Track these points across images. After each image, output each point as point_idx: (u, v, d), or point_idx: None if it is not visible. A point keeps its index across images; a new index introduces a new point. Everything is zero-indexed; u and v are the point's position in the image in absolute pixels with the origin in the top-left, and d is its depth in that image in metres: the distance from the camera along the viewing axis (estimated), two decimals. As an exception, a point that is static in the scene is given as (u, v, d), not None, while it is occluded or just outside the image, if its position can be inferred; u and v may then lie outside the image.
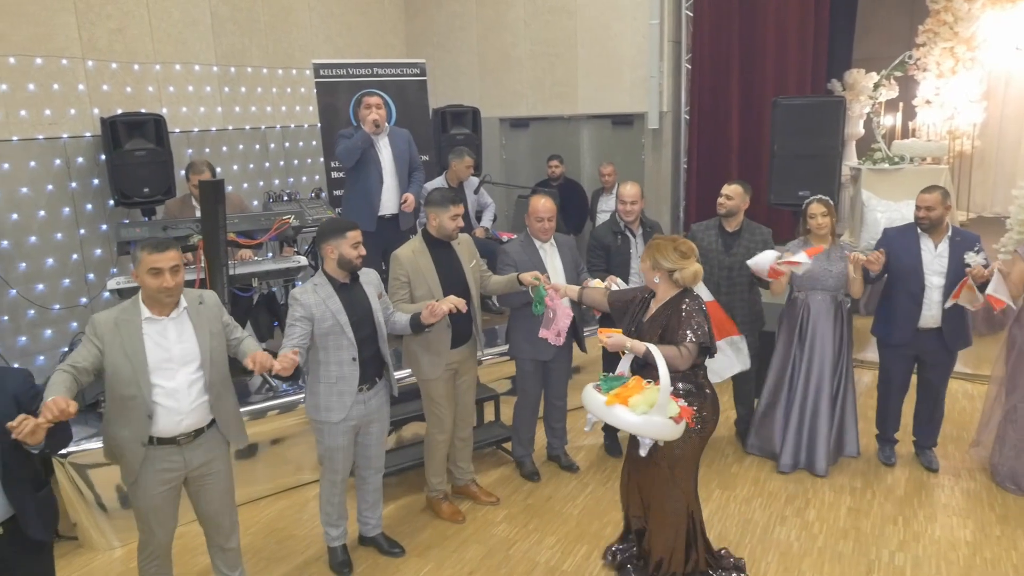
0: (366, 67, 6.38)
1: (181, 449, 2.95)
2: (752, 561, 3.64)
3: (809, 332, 4.35)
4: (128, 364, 2.81)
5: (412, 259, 3.78)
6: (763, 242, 4.49)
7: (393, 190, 5.05)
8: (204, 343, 2.95)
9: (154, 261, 2.78)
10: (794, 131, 5.81)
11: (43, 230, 5.33)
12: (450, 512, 4.09)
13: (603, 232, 4.55)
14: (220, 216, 4.08)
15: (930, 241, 4.19)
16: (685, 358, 3.06)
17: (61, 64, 5.35)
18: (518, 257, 4.15)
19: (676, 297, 3.16)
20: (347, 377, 3.39)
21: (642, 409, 2.90)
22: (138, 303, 2.89)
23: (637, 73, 7.39)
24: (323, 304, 3.32)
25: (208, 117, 6.42)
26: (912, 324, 4.22)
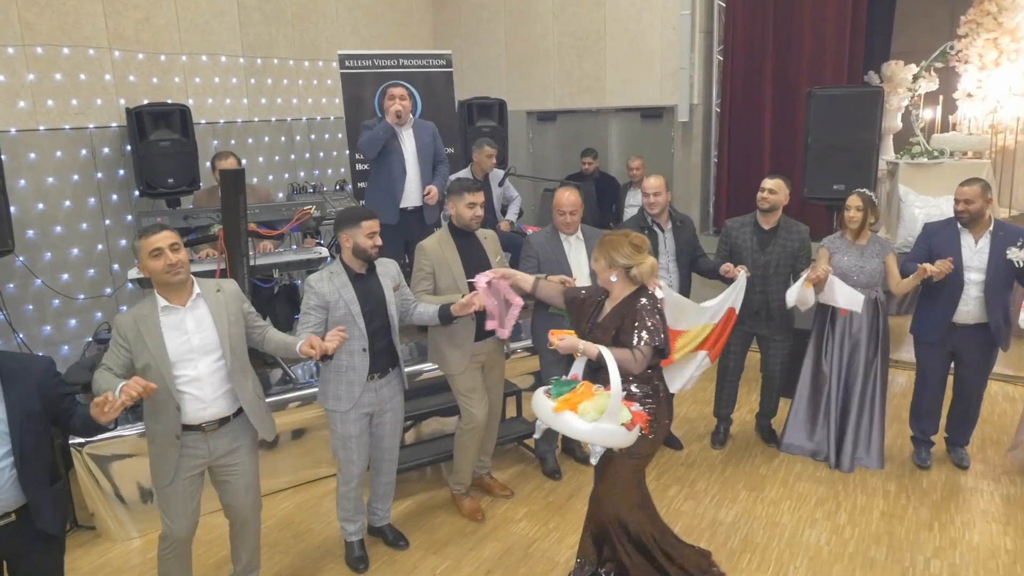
0: (392, 58, 6.32)
1: (206, 436, 2.96)
2: (780, 565, 3.52)
3: (840, 329, 4.25)
4: (152, 358, 2.83)
5: (437, 249, 3.77)
6: (800, 240, 4.36)
7: (416, 182, 4.98)
8: (223, 330, 2.95)
9: (152, 243, 2.79)
10: (829, 123, 5.63)
11: (69, 220, 5.35)
12: (471, 510, 4.02)
13: (630, 227, 4.38)
14: (241, 206, 4.05)
15: (970, 236, 4.04)
16: (639, 361, 2.91)
17: (88, 54, 5.36)
18: (541, 250, 4.08)
19: (631, 296, 3.01)
20: (357, 367, 3.37)
21: (592, 416, 2.76)
22: (154, 297, 2.90)
23: (667, 65, 7.24)
24: (337, 293, 3.31)
25: (234, 109, 6.42)
26: (947, 320, 4.08)
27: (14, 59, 4.98)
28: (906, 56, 7.58)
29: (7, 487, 2.47)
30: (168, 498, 2.98)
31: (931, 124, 7.15)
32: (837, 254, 4.22)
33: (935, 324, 4.13)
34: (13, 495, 2.49)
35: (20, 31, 4.99)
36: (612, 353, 2.83)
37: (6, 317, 4.83)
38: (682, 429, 4.96)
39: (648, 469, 4.47)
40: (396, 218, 4.92)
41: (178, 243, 2.86)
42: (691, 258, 4.46)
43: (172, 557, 3.10)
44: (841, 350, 4.28)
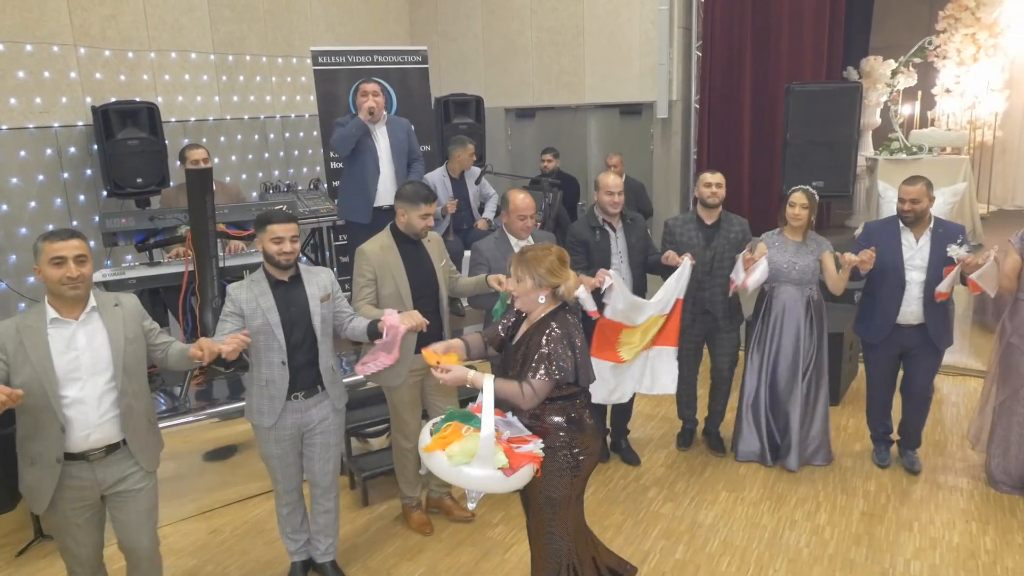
0: (366, 55, 6.22)
1: (92, 466, 2.68)
2: (759, 568, 3.47)
3: (775, 327, 4.22)
4: (35, 374, 2.57)
5: (379, 255, 3.53)
6: (742, 231, 4.32)
7: (390, 180, 4.89)
8: (118, 349, 2.68)
9: (56, 249, 2.53)
10: (808, 119, 5.61)
11: (34, 221, 5.22)
12: (419, 523, 3.86)
13: (581, 227, 4.21)
14: (208, 206, 3.94)
15: (911, 235, 4.00)
16: (527, 398, 2.61)
17: (52, 51, 5.23)
18: (491, 255, 3.87)
19: (546, 318, 2.71)
20: (276, 381, 3.12)
21: (458, 460, 2.49)
22: (44, 306, 2.63)
23: (646, 61, 7.20)
24: (255, 301, 3.07)
25: (205, 106, 6.29)
26: (891, 321, 4.04)
27: (-26, 56, 4.85)
28: (885, 51, 7.59)
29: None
30: (61, 529, 2.73)
31: (910, 120, 7.16)
32: (772, 250, 4.16)
33: (879, 326, 4.08)
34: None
35: (-20, 27, 4.86)
36: (497, 386, 2.57)
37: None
38: (662, 429, 4.91)
39: (628, 469, 4.45)
40: (369, 217, 4.83)
41: (85, 256, 2.60)
42: (644, 256, 4.31)
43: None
44: (777, 345, 4.23)
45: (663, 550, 3.65)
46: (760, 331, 4.29)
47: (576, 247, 4.17)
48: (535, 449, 2.61)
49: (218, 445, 4.14)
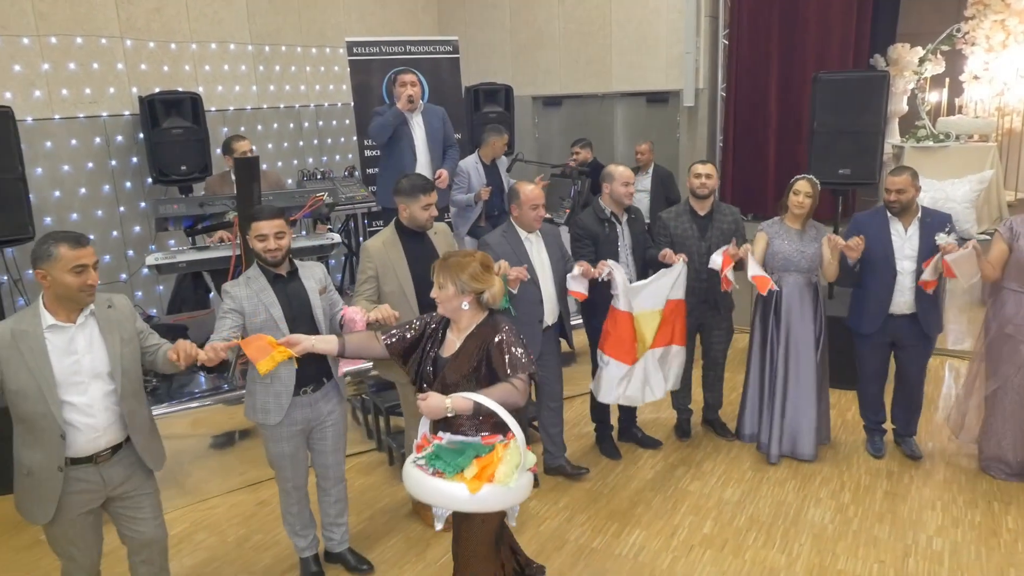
0: (399, 45, 6.36)
1: (98, 468, 2.67)
2: (785, 542, 3.61)
3: (784, 314, 4.25)
4: (33, 380, 2.51)
5: (382, 251, 3.53)
6: (734, 220, 4.39)
7: (426, 167, 5.04)
8: (114, 351, 2.65)
9: (79, 257, 2.50)
10: (835, 108, 5.65)
11: (84, 207, 5.44)
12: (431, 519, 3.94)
13: (589, 219, 4.22)
14: (255, 193, 4.11)
15: (900, 224, 4.07)
16: (522, 393, 2.57)
17: (100, 43, 5.42)
18: (500, 249, 3.81)
19: (486, 326, 2.64)
20: (283, 377, 3.08)
21: (515, 478, 2.43)
22: (38, 310, 2.57)
23: (673, 50, 7.26)
24: (255, 297, 3.06)
25: (243, 96, 6.47)
26: (883, 312, 4.11)
27: (29, 49, 5.05)
28: (912, 38, 7.58)
29: None
30: (63, 535, 2.71)
31: (937, 107, 7.17)
32: (777, 239, 4.20)
33: (872, 316, 4.14)
34: None
35: (35, 21, 5.05)
36: (491, 395, 2.48)
37: (26, 303, 4.92)
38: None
39: (655, 450, 4.60)
40: (407, 204, 4.97)
41: (97, 260, 2.60)
42: (644, 249, 4.34)
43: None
44: (785, 335, 4.24)
45: (691, 524, 3.79)
46: (766, 319, 4.31)
47: (584, 239, 4.19)
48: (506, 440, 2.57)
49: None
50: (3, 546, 3.80)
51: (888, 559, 3.46)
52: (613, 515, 3.90)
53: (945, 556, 3.47)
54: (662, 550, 3.59)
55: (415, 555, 3.65)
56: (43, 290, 2.58)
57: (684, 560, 3.51)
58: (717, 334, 4.53)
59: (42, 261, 2.50)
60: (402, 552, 3.67)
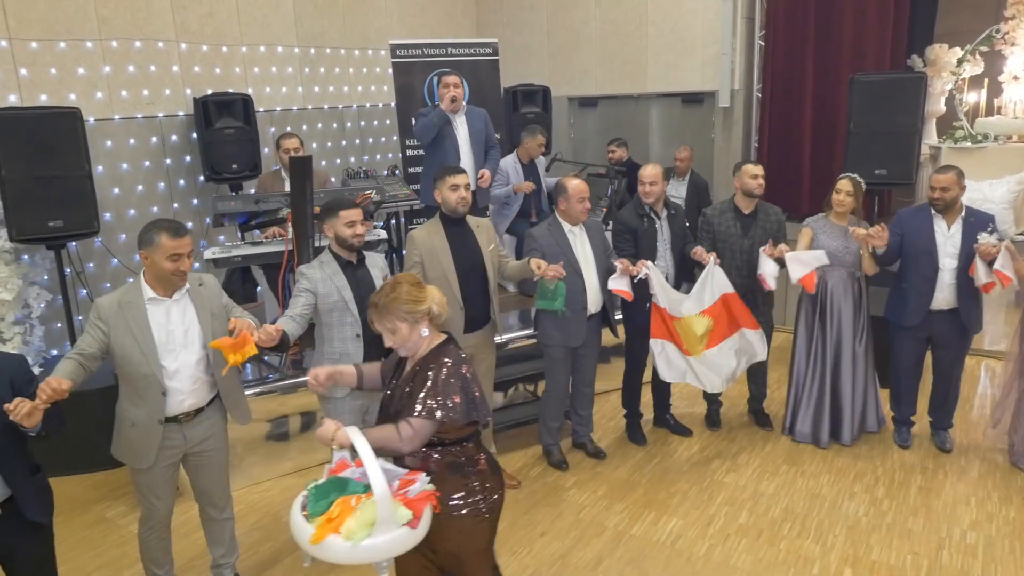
0: (440, 47, 6.52)
1: (182, 427, 3.00)
2: (820, 533, 3.70)
3: (830, 309, 4.38)
4: (136, 345, 2.85)
5: (427, 239, 3.74)
6: (777, 220, 4.50)
7: (469, 166, 5.19)
8: (206, 323, 2.98)
9: (176, 246, 2.82)
10: (872, 109, 5.70)
11: (140, 204, 5.68)
12: None
13: (629, 215, 4.39)
14: (308, 191, 4.31)
15: (943, 222, 4.14)
16: (407, 440, 2.34)
17: (157, 47, 5.66)
18: (545, 241, 4.02)
19: (436, 350, 2.48)
20: (351, 354, 3.33)
21: (360, 536, 2.17)
22: (140, 285, 2.91)
23: (708, 51, 7.34)
24: (329, 280, 3.34)
25: (290, 97, 6.69)
26: (924, 307, 4.18)
27: (92, 53, 5.30)
28: (950, 38, 7.56)
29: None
30: (149, 482, 3.03)
31: (975, 108, 7.16)
32: (822, 235, 4.34)
33: (912, 311, 4.22)
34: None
35: (97, 26, 5.30)
36: (368, 437, 2.28)
37: (88, 294, 5.17)
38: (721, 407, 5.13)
39: (691, 443, 4.70)
40: (450, 202, 5.14)
41: (193, 250, 2.93)
42: (683, 245, 4.47)
43: (156, 538, 3.16)
44: (830, 329, 4.40)
45: (727, 515, 3.90)
46: (811, 313, 4.45)
47: (624, 235, 4.37)
48: (424, 485, 2.35)
49: (311, 409, 4.50)
50: (70, 524, 4.02)
51: (922, 551, 3.53)
52: (650, 504, 4.02)
53: (979, 549, 3.53)
54: (698, 538, 3.71)
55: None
56: (144, 268, 2.91)
57: (720, 548, 3.62)
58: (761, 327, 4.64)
59: (146, 246, 2.84)
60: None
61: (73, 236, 4.68)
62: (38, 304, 4.82)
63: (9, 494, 2.59)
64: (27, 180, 4.38)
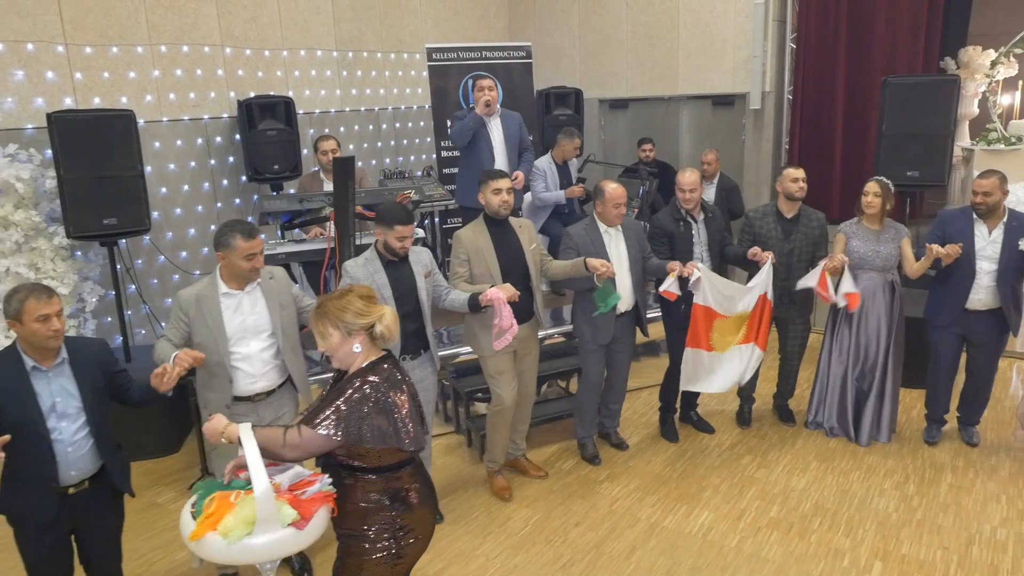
0: (475, 50, 6.66)
1: (255, 406, 3.27)
2: (850, 527, 3.77)
3: (859, 311, 4.42)
4: (211, 335, 3.12)
5: (472, 238, 3.91)
6: (819, 226, 4.55)
7: (503, 168, 5.29)
8: (275, 314, 3.24)
9: (249, 248, 3.09)
10: (904, 111, 5.73)
11: (186, 203, 5.88)
12: (500, 487, 4.20)
13: (665, 219, 4.48)
14: (350, 190, 4.46)
15: (984, 227, 4.18)
16: (290, 446, 2.22)
17: (203, 51, 5.86)
18: (581, 241, 4.14)
19: (365, 369, 2.34)
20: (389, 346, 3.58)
21: (237, 534, 2.10)
22: (216, 280, 3.20)
23: (740, 53, 7.40)
24: (370, 278, 3.53)
25: (328, 99, 6.87)
26: (960, 306, 4.24)
27: (143, 57, 5.51)
28: (984, 39, 7.55)
29: (87, 455, 2.78)
30: (219, 463, 3.20)
31: (1009, 110, 7.14)
32: (854, 239, 4.39)
33: (948, 309, 4.29)
34: (91, 462, 2.81)
35: (147, 32, 5.51)
36: (256, 434, 2.22)
37: (137, 289, 5.38)
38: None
39: (722, 440, 4.78)
40: (485, 202, 5.27)
41: (263, 249, 3.19)
42: (721, 247, 4.54)
43: None
44: (858, 330, 4.46)
45: (758, 508, 3.98)
46: (842, 315, 4.51)
47: (660, 238, 4.46)
48: (323, 487, 2.27)
49: None
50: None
51: (952, 546, 3.59)
52: (682, 497, 4.11)
53: (1009, 545, 3.58)
54: (730, 531, 3.79)
55: (496, 526, 3.92)
56: (220, 265, 3.19)
57: (751, 540, 3.70)
58: (793, 329, 4.72)
59: (222, 248, 3.12)
60: (483, 523, 3.95)
61: (126, 234, 4.87)
62: (91, 298, 5.02)
63: (99, 467, 2.83)
64: (83, 180, 4.58)
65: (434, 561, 3.64)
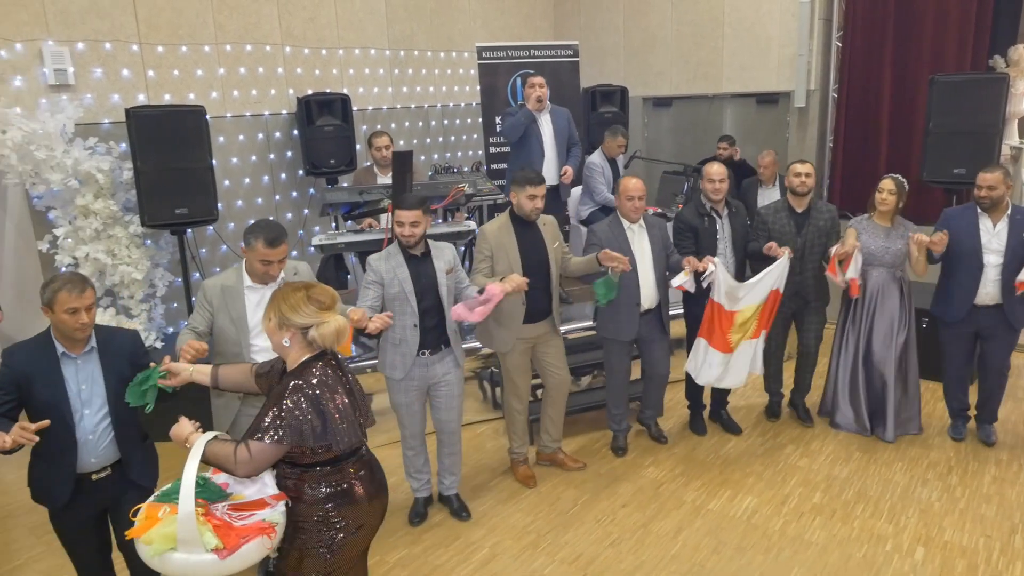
0: (524, 49, 6.83)
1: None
2: (892, 515, 3.86)
3: (868, 307, 4.49)
4: (232, 326, 3.17)
5: (497, 234, 3.97)
6: (831, 218, 4.60)
7: (553, 163, 5.47)
8: None
9: (267, 255, 3.13)
10: (951, 109, 5.75)
11: (248, 196, 6.15)
12: (524, 475, 4.32)
13: (690, 214, 4.52)
14: (408, 183, 4.66)
15: (988, 220, 4.22)
16: (240, 463, 2.23)
17: (265, 50, 6.13)
18: (604, 237, 4.17)
19: (302, 367, 2.35)
20: (408, 340, 3.63)
21: (158, 547, 2.14)
22: (241, 272, 3.26)
23: (785, 51, 7.46)
24: (392, 272, 3.59)
25: (380, 97, 7.10)
26: (968, 302, 4.28)
27: (209, 56, 5.79)
28: (1035, 39, 7.49)
29: (107, 444, 2.78)
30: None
31: (1059, 108, 7.07)
32: (864, 235, 4.44)
33: (956, 306, 4.33)
34: (112, 451, 2.81)
35: (214, 32, 5.79)
36: (208, 449, 2.25)
37: (201, 276, 5.65)
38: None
39: (763, 429, 4.88)
40: (535, 196, 5.43)
41: (286, 257, 3.23)
42: (744, 243, 4.57)
43: None
44: (869, 327, 4.52)
45: (801, 495, 4.09)
46: (854, 311, 4.58)
47: (685, 233, 4.51)
48: (269, 516, 2.26)
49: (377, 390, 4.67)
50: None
51: (995, 534, 3.66)
52: (726, 483, 4.24)
53: (1053, 535, 3.64)
54: (773, 515, 3.91)
55: (547, 505, 4.10)
56: (244, 259, 3.24)
57: (795, 524, 3.82)
58: (809, 324, 4.77)
59: (246, 245, 3.20)
60: (534, 503, 4.13)
61: (195, 223, 5.15)
62: (162, 284, 5.31)
63: (119, 457, 2.83)
64: (158, 171, 4.85)
65: (488, 536, 3.83)
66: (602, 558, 3.62)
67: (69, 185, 4.76)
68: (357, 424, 2.38)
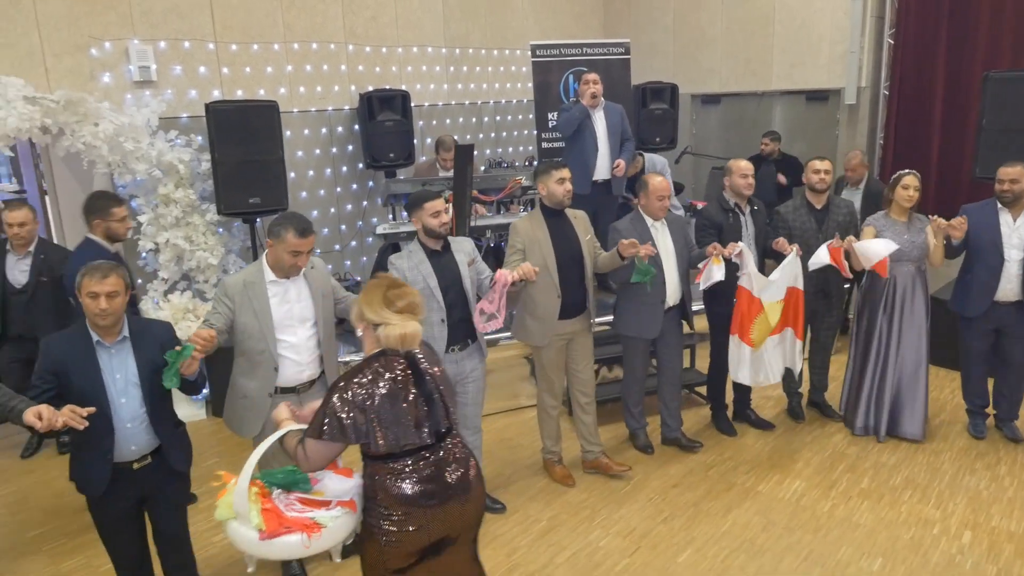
0: (576, 47, 7.00)
1: (300, 397, 3.17)
2: (940, 501, 3.96)
3: (897, 304, 4.45)
4: (256, 322, 3.09)
5: (529, 228, 3.95)
6: (849, 212, 4.62)
7: (606, 157, 5.64)
8: (317, 303, 3.24)
9: (298, 245, 3.06)
10: (1005, 106, 5.76)
11: (311, 187, 6.45)
12: (562, 475, 4.28)
13: (713, 210, 4.50)
14: (469, 176, 4.89)
15: (1009, 215, 4.24)
16: (301, 460, 2.33)
17: (330, 49, 6.41)
18: (627, 234, 4.09)
19: (362, 362, 2.39)
20: (436, 337, 3.56)
21: (222, 513, 2.35)
22: (262, 266, 3.17)
23: (835, 48, 7.50)
24: (415, 269, 3.54)
25: (436, 93, 7.34)
26: (989, 297, 4.29)
27: (279, 54, 6.08)
28: (1094, 36, 7.41)
29: (143, 432, 2.80)
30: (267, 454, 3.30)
31: (1118, 106, 6.99)
32: (886, 232, 4.38)
33: (977, 301, 4.33)
34: (148, 439, 2.83)
35: (283, 31, 6.08)
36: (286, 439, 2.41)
37: (270, 264, 5.95)
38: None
39: (811, 419, 4.98)
40: (588, 189, 5.59)
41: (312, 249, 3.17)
42: (766, 241, 4.54)
43: None
44: (899, 324, 4.45)
45: (849, 480, 4.20)
46: (876, 307, 4.52)
47: (708, 229, 4.44)
48: (319, 517, 2.34)
49: None
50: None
51: (1043, 522, 3.74)
52: (775, 468, 4.37)
53: (1101, 524, 3.70)
54: (822, 498, 4.03)
55: (600, 483, 4.28)
56: (267, 251, 3.21)
57: (843, 506, 3.94)
58: (827, 321, 4.81)
59: (273, 236, 3.12)
60: (588, 481, 4.31)
61: (267, 212, 5.43)
62: (234, 270, 5.62)
63: (158, 444, 2.86)
64: (234, 163, 5.15)
65: (544, 510, 4.02)
66: (655, 532, 3.79)
67: (153, 175, 5.09)
68: (412, 426, 2.33)
